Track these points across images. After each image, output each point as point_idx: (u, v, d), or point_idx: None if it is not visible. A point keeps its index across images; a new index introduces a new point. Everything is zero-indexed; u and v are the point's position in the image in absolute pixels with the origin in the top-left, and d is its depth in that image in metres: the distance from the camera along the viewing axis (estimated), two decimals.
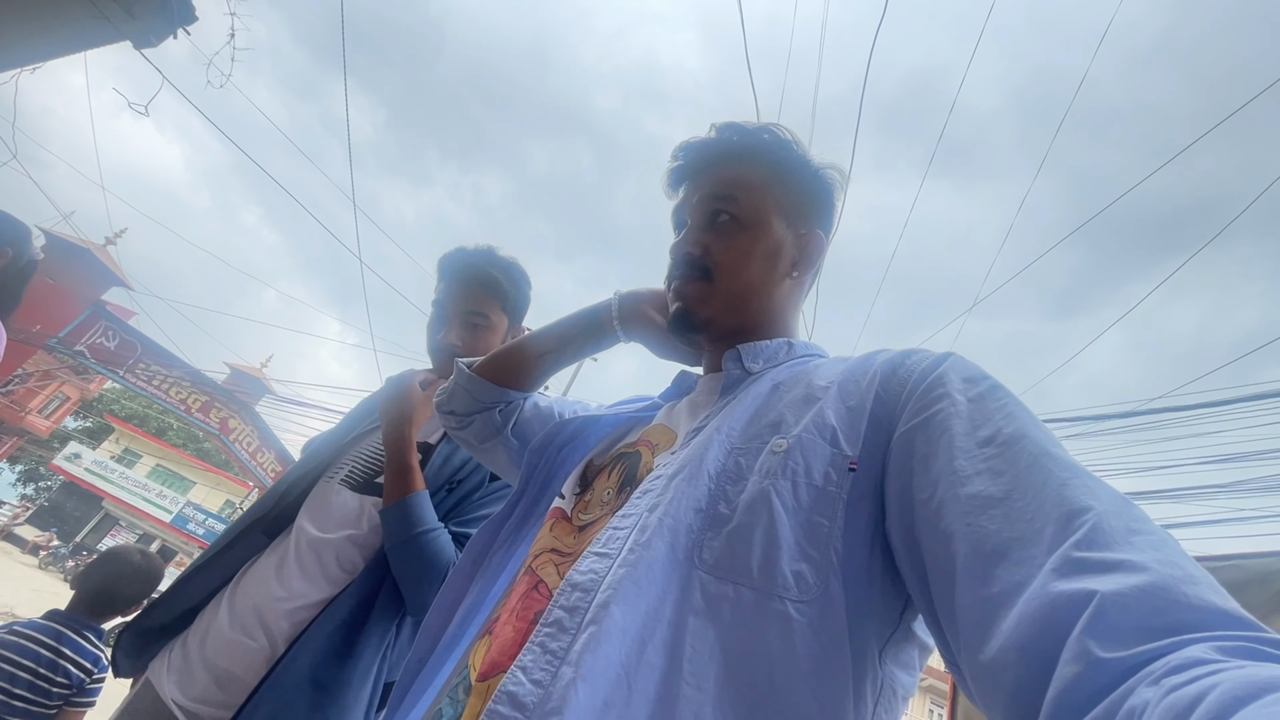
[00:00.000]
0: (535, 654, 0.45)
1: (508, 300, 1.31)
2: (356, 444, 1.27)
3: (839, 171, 0.77)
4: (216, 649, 1.06)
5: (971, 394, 0.48)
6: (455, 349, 1.24)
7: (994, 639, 0.34)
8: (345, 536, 1.14)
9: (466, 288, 1.27)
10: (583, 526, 0.60)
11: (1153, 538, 0.34)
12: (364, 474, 1.22)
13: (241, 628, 1.07)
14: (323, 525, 1.16)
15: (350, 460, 1.24)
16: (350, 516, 1.16)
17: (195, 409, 10.90)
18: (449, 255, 1.32)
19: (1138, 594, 0.30)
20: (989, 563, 0.37)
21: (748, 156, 0.74)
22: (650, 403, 0.82)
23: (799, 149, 0.75)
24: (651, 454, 0.64)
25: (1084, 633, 0.29)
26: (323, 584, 1.11)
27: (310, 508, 1.19)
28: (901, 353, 0.58)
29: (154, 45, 2.80)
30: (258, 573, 1.14)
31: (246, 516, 1.20)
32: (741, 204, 0.71)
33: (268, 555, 1.16)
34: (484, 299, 1.28)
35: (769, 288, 0.72)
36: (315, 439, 1.42)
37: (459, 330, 1.26)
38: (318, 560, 1.12)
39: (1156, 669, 0.26)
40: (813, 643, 0.43)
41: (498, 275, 1.29)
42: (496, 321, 1.30)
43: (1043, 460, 0.40)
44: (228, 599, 1.12)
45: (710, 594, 0.46)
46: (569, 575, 0.50)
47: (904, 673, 0.48)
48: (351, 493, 1.19)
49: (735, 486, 0.51)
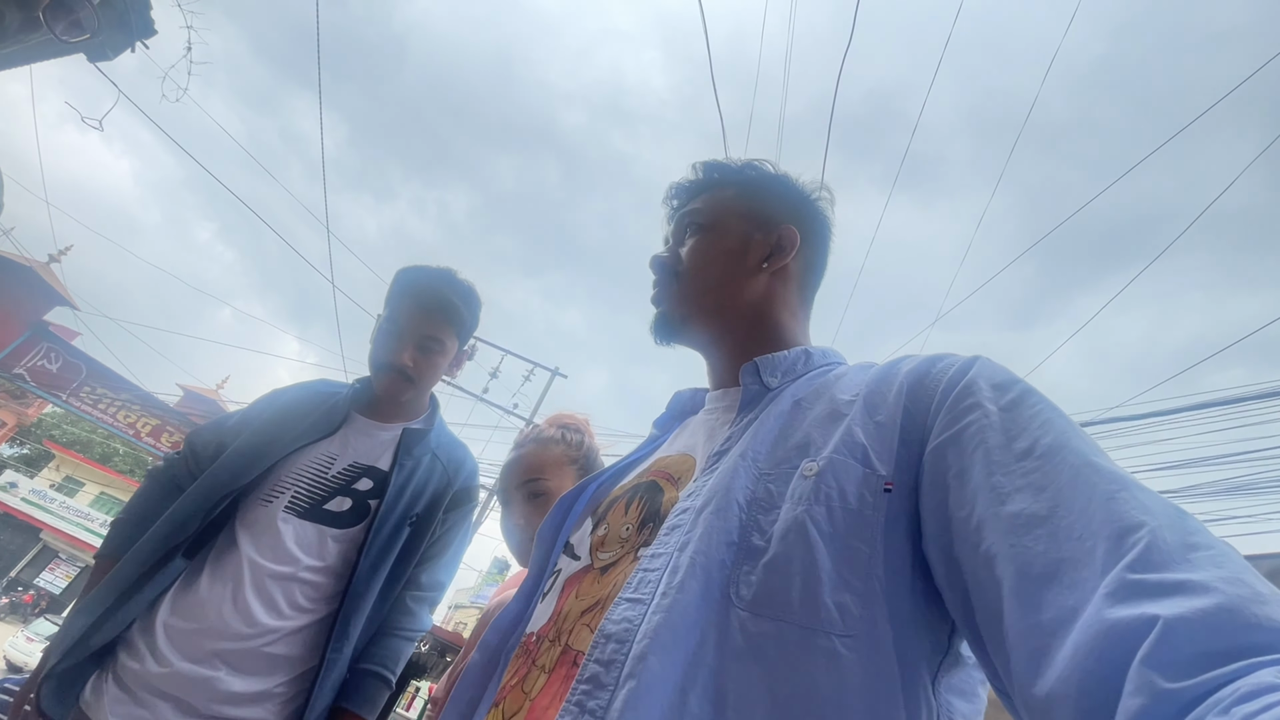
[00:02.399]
0: (573, 714, 0.43)
1: (463, 326, 1.33)
2: (290, 463, 1.20)
3: (822, 186, 0.79)
4: (174, 681, 1.03)
5: (1003, 402, 0.46)
6: (408, 370, 1.24)
7: (1049, 670, 0.32)
8: (311, 568, 1.14)
9: (425, 312, 1.26)
10: (604, 568, 0.58)
11: (1213, 553, 0.31)
12: (309, 499, 1.18)
13: (195, 659, 1.05)
14: (279, 558, 1.12)
15: (288, 483, 1.19)
16: (312, 548, 1.15)
17: (146, 433, 10.42)
18: (409, 273, 1.31)
19: (1202, 618, 0.28)
20: (1038, 587, 0.35)
21: (721, 182, 0.79)
22: (649, 438, 0.79)
23: (772, 168, 0.78)
24: (674, 486, 0.61)
25: (1146, 662, 0.27)
26: (293, 616, 1.11)
27: (254, 536, 1.14)
28: (927, 360, 0.55)
29: (110, 59, 2.70)
30: (196, 602, 1.09)
31: (159, 538, 1.11)
32: (704, 212, 0.76)
33: (204, 582, 1.10)
34: (441, 324, 1.27)
35: (738, 280, 0.72)
36: (203, 431, 1.33)
37: (412, 351, 1.25)
38: (283, 594, 1.11)
39: (1225, 697, 0.25)
40: (862, 678, 0.40)
41: (457, 303, 1.29)
42: (450, 346, 1.30)
43: (1086, 472, 0.38)
44: (163, 630, 1.06)
45: (750, 633, 0.43)
46: (601, 625, 0.47)
47: (963, 701, 0.45)
48: (302, 521, 1.16)
49: (768, 516, 0.49)
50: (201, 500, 1.13)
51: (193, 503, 1.13)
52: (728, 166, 0.79)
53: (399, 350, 1.24)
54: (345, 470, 1.22)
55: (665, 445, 0.73)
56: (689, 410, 0.78)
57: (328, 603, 1.15)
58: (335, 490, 1.20)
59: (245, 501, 1.17)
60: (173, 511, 1.13)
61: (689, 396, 0.79)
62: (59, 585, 20.62)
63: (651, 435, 0.80)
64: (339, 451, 1.24)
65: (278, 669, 1.10)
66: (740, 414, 0.64)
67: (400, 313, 1.26)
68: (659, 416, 0.82)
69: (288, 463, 1.20)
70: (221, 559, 1.13)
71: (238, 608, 1.08)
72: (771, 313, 0.73)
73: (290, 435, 1.22)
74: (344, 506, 1.20)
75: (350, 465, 1.23)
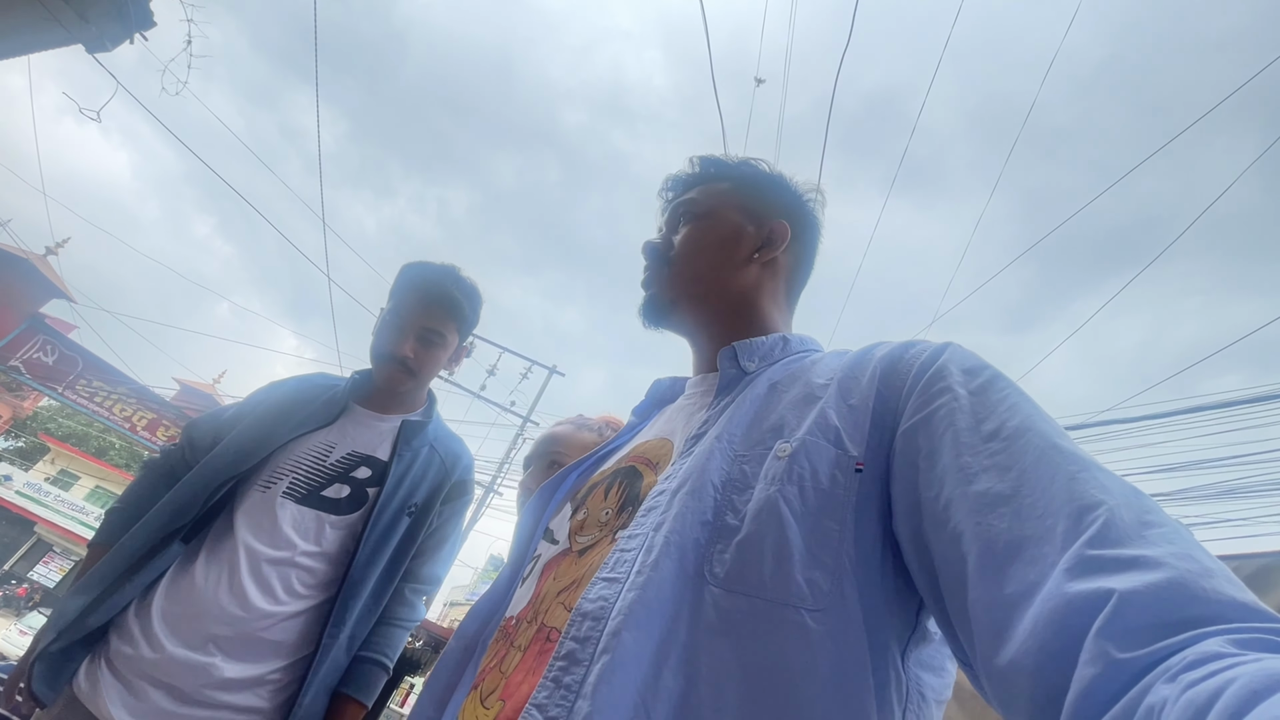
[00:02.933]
0: (549, 690, 0.44)
1: (465, 322, 1.35)
2: (288, 451, 1.22)
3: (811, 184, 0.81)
4: (166, 668, 1.03)
5: (973, 386, 0.47)
6: (408, 361, 1.27)
7: (1010, 642, 0.33)
8: (308, 553, 1.15)
9: (428, 305, 1.29)
10: (583, 550, 0.58)
11: (1166, 530, 0.33)
12: (307, 485, 1.19)
13: (189, 645, 1.05)
14: (276, 542, 1.13)
15: (287, 469, 1.20)
16: (310, 533, 1.17)
17: (141, 427, 10.40)
18: (414, 267, 1.34)
19: (1154, 591, 0.29)
20: (1001, 563, 0.36)
21: (717, 176, 0.80)
22: (628, 425, 0.81)
23: (767, 166, 0.80)
24: (652, 471, 0.62)
25: (1101, 633, 0.29)
26: (289, 601, 1.12)
27: (251, 521, 1.14)
28: (900, 345, 0.56)
29: (108, 50, 2.69)
30: (190, 586, 1.09)
31: (158, 524, 1.12)
32: (699, 202, 0.78)
33: (200, 567, 1.11)
34: (443, 318, 1.30)
35: (729, 269, 0.74)
36: (201, 422, 1.34)
37: (413, 344, 1.27)
38: (279, 579, 1.12)
39: (1174, 665, 0.26)
40: (832, 651, 0.41)
41: (460, 297, 1.32)
42: (450, 340, 1.33)
43: (1050, 453, 0.39)
44: (159, 615, 1.07)
45: (723, 609, 0.44)
46: (578, 604, 0.48)
47: (931, 675, 0.47)
48: (300, 506, 1.17)
49: (742, 496, 0.50)
50: (200, 486, 1.14)
51: (191, 488, 1.14)
52: (724, 162, 0.81)
53: (400, 341, 1.26)
54: (344, 458, 1.23)
55: (644, 432, 0.74)
56: (668, 398, 0.79)
57: (324, 589, 1.16)
58: (333, 477, 1.21)
59: (243, 488, 1.18)
60: (171, 497, 1.14)
61: (668, 385, 0.81)
62: (53, 579, 20.57)
63: (630, 423, 0.81)
64: (337, 440, 1.25)
65: (272, 654, 1.10)
66: (717, 398, 0.65)
67: (403, 305, 1.29)
68: (638, 404, 0.83)
69: (286, 450, 1.21)
70: (218, 544, 1.14)
71: (234, 592, 1.08)
72: (758, 303, 0.74)
73: (289, 424, 1.23)
74: (342, 494, 1.20)
75: (349, 453, 1.24)
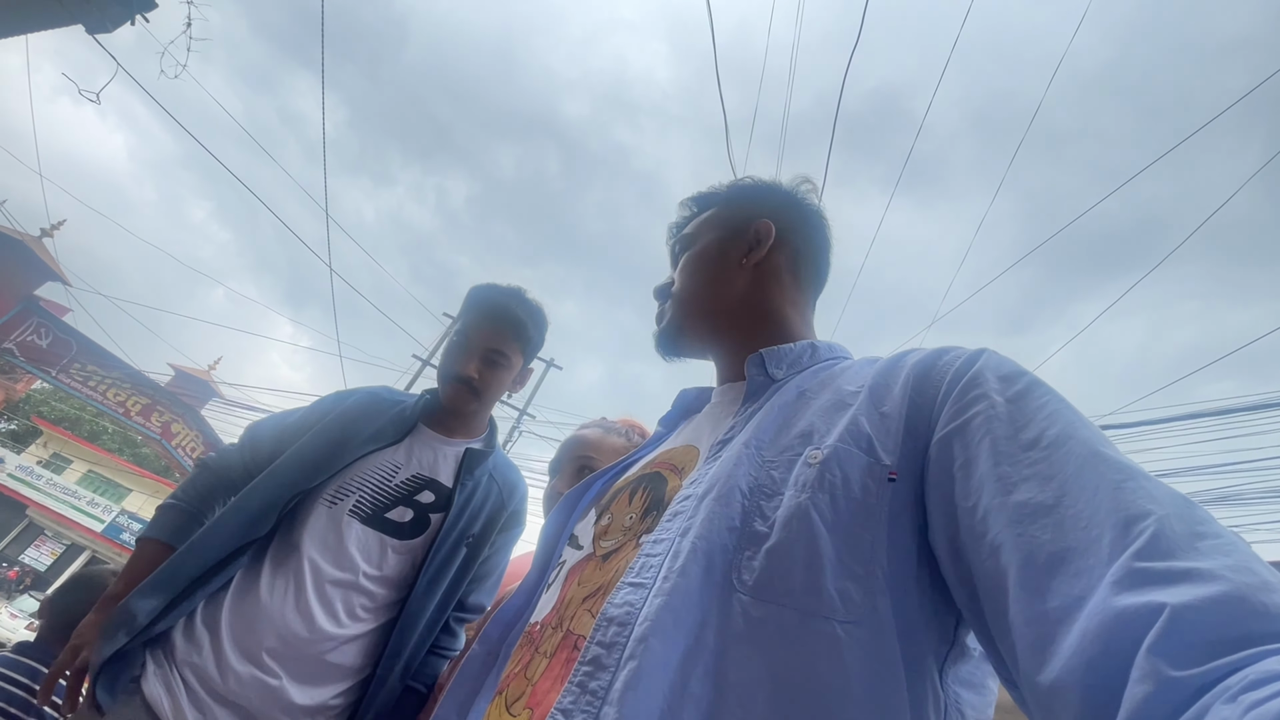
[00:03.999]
0: (574, 695, 0.43)
1: (529, 344, 1.36)
2: (355, 467, 1.21)
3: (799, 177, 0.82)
4: (236, 686, 1.01)
5: (1010, 393, 0.46)
6: (473, 381, 1.28)
7: (1055, 658, 0.32)
8: (369, 576, 1.14)
9: (494, 326, 1.30)
10: (606, 555, 0.57)
11: (1221, 542, 0.31)
12: (372, 505, 1.18)
13: (256, 663, 1.04)
14: (341, 563, 1.12)
15: (354, 486, 1.19)
16: (373, 556, 1.16)
17: (135, 412, 10.36)
18: (481, 289, 1.35)
19: (1209, 605, 0.28)
20: (1044, 575, 0.35)
21: (706, 205, 0.84)
22: (655, 435, 0.80)
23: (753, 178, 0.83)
24: (677, 476, 0.61)
25: (1153, 650, 0.27)
26: (349, 625, 1.11)
27: (318, 539, 1.13)
28: (934, 352, 0.55)
29: (109, 31, 2.65)
30: (256, 601, 1.07)
31: (232, 532, 1.10)
32: (689, 235, 0.81)
33: (265, 580, 1.09)
34: (508, 339, 1.31)
35: (722, 281, 0.75)
36: (263, 425, 1.34)
37: (478, 364, 1.28)
38: (344, 602, 1.11)
39: (1233, 684, 0.25)
40: (864, 664, 0.40)
41: (524, 319, 1.32)
42: (515, 361, 1.33)
43: (1093, 461, 0.38)
44: (227, 627, 1.05)
45: (752, 617, 0.43)
46: (604, 609, 0.48)
47: (971, 693, 0.45)
48: (363, 527, 1.16)
49: (770, 502, 0.49)
50: (273, 496, 1.13)
51: (263, 498, 1.13)
52: (714, 191, 0.85)
53: (465, 362, 1.27)
54: (408, 480, 1.23)
55: (670, 440, 0.73)
56: (694, 408, 0.79)
57: (380, 614, 1.15)
58: (398, 499, 1.21)
59: (308, 500, 1.16)
60: (242, 504, 1.12)
61: (695, 395, 0.80)
62: (44, 562, 20.53)
63: (657, 433, 0.80)
64: (404, 461, 1.25)
65: (334, 678, 1.09)
66: (745, 404, 0.64)
67: (469, 327, 1.30)
68: (665, 414, 0.82)
69: (355, 466, 1.20)
70: (282, 557, 1.12)
71: (300, 611, 1.07)
72: (766, 305, 0.74)
73: (360, 439, 1.22)
74: (406, 517, 1.20)
75: (413, 476, 1.24)
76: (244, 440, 1.31)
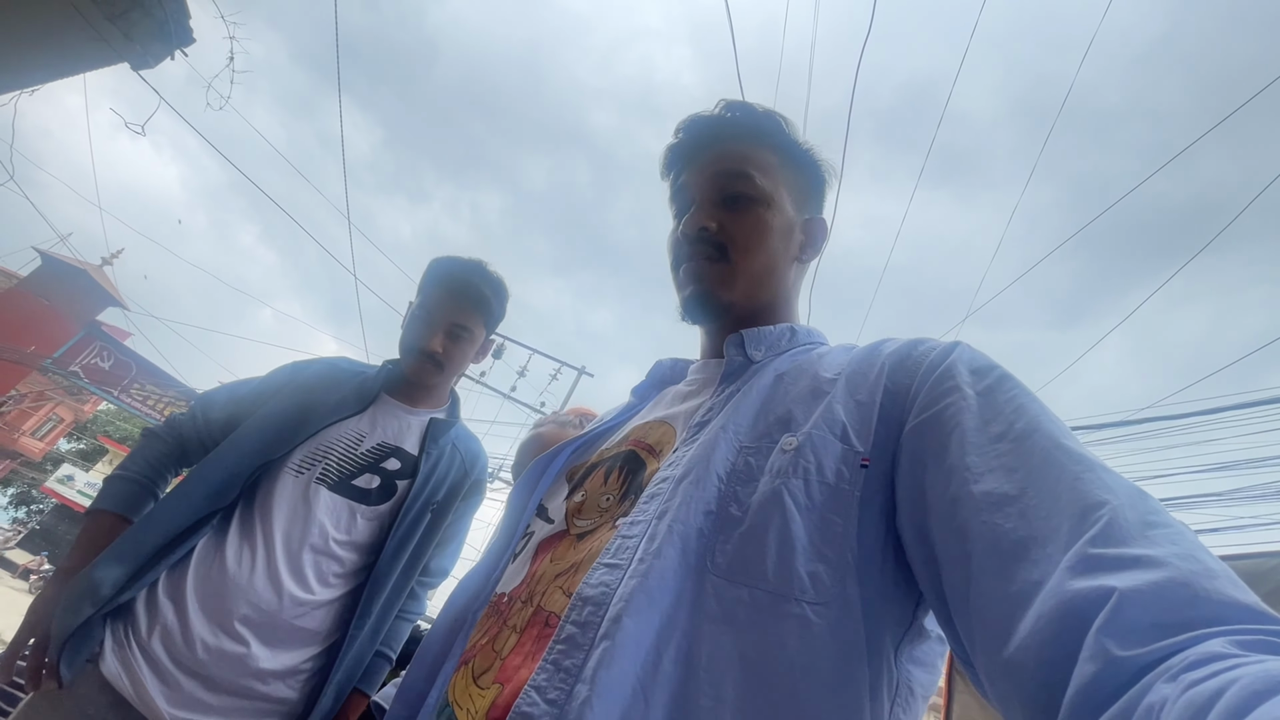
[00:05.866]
0: (549, 672, 0.44)
1: (492, 316, 1.37)
2: (322, 436, 1.22)
3: (831, 164, 0.78)
4: (202, 656, 1.02)
5: (980, 386, 0.47)
6: (436, 355, 1.29)
7: (1012, 638, 0.33)
8: (339, 542, 1.16)
9: (456, 300, 1.31)
10: (582, 535, 0.58)
11: (1170, 531, 0.33)
12: (339, 473, 1.20)
13: (227, 631, 1.05)
14: (311, 530, 1.14)
15: (320, 454, 1.20)
16: (342, 522, 1.18)
17: None
18: (442, 262, 1.35)
19: (1155, 590, 0.29)
20: (1006, 561, 0.36)
21: (757, 137, 0.72)
22: (627, 404, 0.80)
23: (800, 136, 0.75)
24: (655, 458, 0.62)
25: (1101, 631, 0.29)
26: (320, 591, 1.13)
27: (287, 507, 1.14)
28: (909, 343, 0.56)
29: (151, 67, 2.82)
30: (222, 570, 1.08)
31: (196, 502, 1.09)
32: (757, 182, 0.69)
33: (230, 549, 1.09)
34: (470, 313, 1.32)
35: (782, 269, 0.71)
36: (215, 394, 1.32)
37: (442, 339, 1.30)
38: (313, 568, 1.13)
39: (1174, 665, 0.26)
40: (830, 644, 0.42)
41: (487, 293, 1.33)
42: (477, 334, 1.35)
43: (1055, 454, 0.40)
44: (192, 597, 1.05)
45: (725, 599, 0.45)
46: (579, 589, 0.49)
47: (921, 671, 0.47)
48: (331, 494, 1.18)
49: (746, 488, 0.50)
50: (237, 466, 1.14)
51: (227, 468, 1.14)
52: (756, 111, 0.73)
53: (429, 337, 1.28)
54: (374, 448, 1.25)
55: (643, 413, 0.73)
56: (669, 380, 0.79)
57: (350, 580, 1.17)
58: (364, 467, 1.23)
59: (272, 470, 1.18)
60: (206, 475, 1.13)
61: (669, 366, 0.80)
62: None
63: (629, 403, 0.80)
64: (368, 430, 1.27)
65: (305, 643, 1.11)
66: (722, 385, 0.64)
67: (431, 300, 1.31)
68: (637, 384, 0.81)
69: (320, 436, 1.22)
70: (247, 527, 1.13)
71: (270, 578, 1.09)
72: (790, 300, 0.74)
73: (323, 409, 1.24)
74: (373, 484, 1.22)
75: (379, 444, 1.26)
76: (195, 409, 1.30)
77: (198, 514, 1.09)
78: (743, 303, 0.70)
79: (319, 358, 1.44)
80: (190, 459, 1.27)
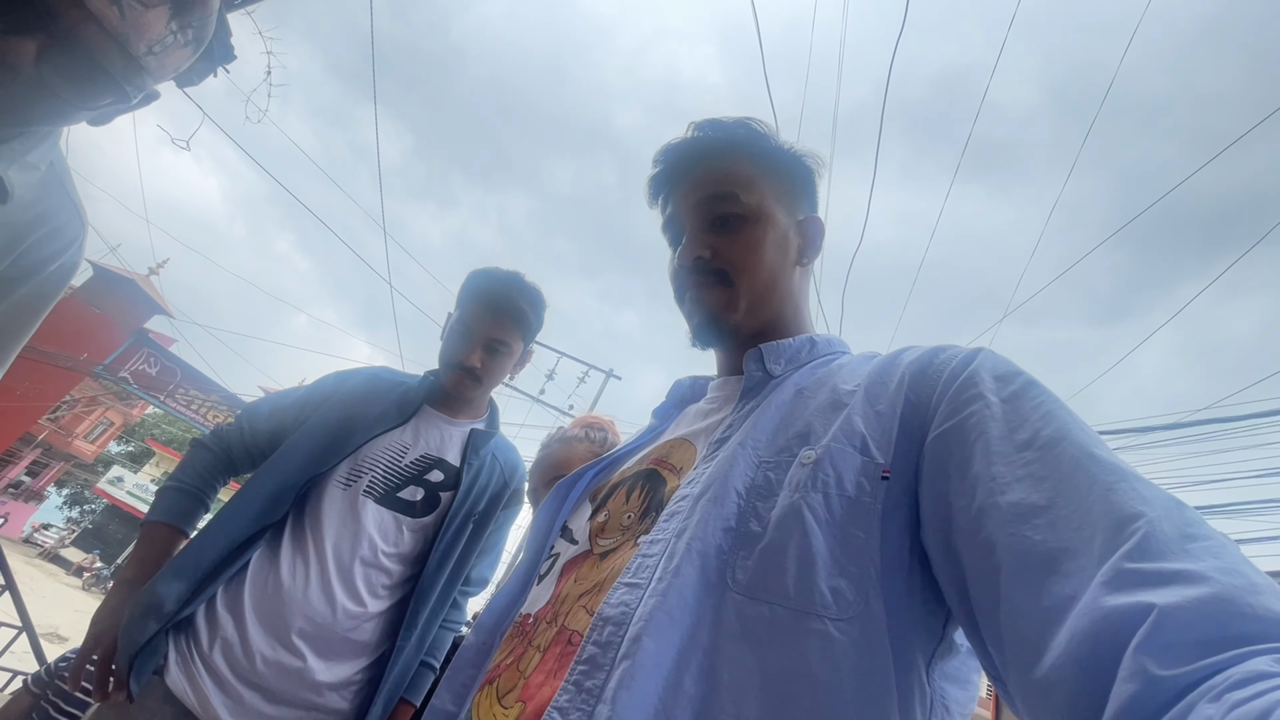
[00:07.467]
0: (571, 694, 0.44)
1: (529, 330, 1.38)
2: (367, 449, 1.23)
3: (817, 156, 0.76)
4: (261, 669, 1.04)
5: (1005, 394, 0.46)
6: (475, 370, 1.30)
7: (1045, 656, 0.32)
8: (387, 554, 1.18)
9: (494, 315, 1.31)
10: (604, 554, 0.58)
11: (1210, 544, 0.31)
12: (385, 485, 1.22)
13: (285, 645, 1.07)
14: (361, 543, 1.15)
15: (366, 467, 1.21)
16: (390, 535, 1.19)
17: None
18: (480, 275, 1.36)
19: (1197, 606, 0.28)
20: (1036, 575, 0.35)
21: (731, 151, 0.72)
22: (649, 427, 0.79)
23: (776, 138, 0.74)
24: (675, 475, 0.61)
25: (1140, 649, 0.28)
26: (370, 603, 1.15)
27: (336, 521, 1.16)
28: (930, 351, 0.55)
29: (195, 84, 2.90)
30: (277, 583, 1.10)
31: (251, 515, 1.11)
32: (742, 199, 0.69)
33: (284, 563, 1.11)
34: (508, 328, 1.33)
35: (785, 280, 0.71)
36: (260, 405, 1.35)
37: (480, 354, 1.31)
38: (365, 581, 1.15)
39: (1218, 684, 0.25)
40: (855, 662, 0.40)
41: (524, 307, 1.34)
42: (515, 348, 1.36)
43: (1086, 463, 0.38)
44: (250, 611, 1.07)
45: (746, 616, 0.44)
46: (600, 609, 0.48)
47: (956, 688, 0.45)
48: (379, 507, 1.19)
49: (766, 503, 0.49)
50: (287, 480, 1.16)
51: (277, 482, 1.15)
52: (725, 125, 0.73)
53: (468, 351, 1.29)
54: (418, 460, 1.26)
55: (666, 433, 0.73)
56: (689, 399, 0.78)
57: (396, 591, 1.19)
58: (409, 479, 1.24)
59: (320, 482, 1.19)
60: (257, 489, 1.14)
61: (689, 385, 0.79)
62: None
63: (651, 425, 0.79)
64: (411, 441, 1.28)
65: (357, 655, 1.13)
66: (742, 401, 0.64)
67: (470, 315, 1.32)
68: (658, 406, 0.81)
69: (365, 448, 1.23)
70: (299, 540, 1.15)
71: (324, 591, 1.10)
72: (799, 307, 0.73)
73: (367, 421, 1.25)
74: (417, 496, 1.23)
75: (422, 456, 1.27)
76: (240, 420, 1.32)
77: (251, 528, 1.12)
78: (751, 322, 0.69)
79: (362, 368, 1.46)
80: (237, 468, 1.29)
